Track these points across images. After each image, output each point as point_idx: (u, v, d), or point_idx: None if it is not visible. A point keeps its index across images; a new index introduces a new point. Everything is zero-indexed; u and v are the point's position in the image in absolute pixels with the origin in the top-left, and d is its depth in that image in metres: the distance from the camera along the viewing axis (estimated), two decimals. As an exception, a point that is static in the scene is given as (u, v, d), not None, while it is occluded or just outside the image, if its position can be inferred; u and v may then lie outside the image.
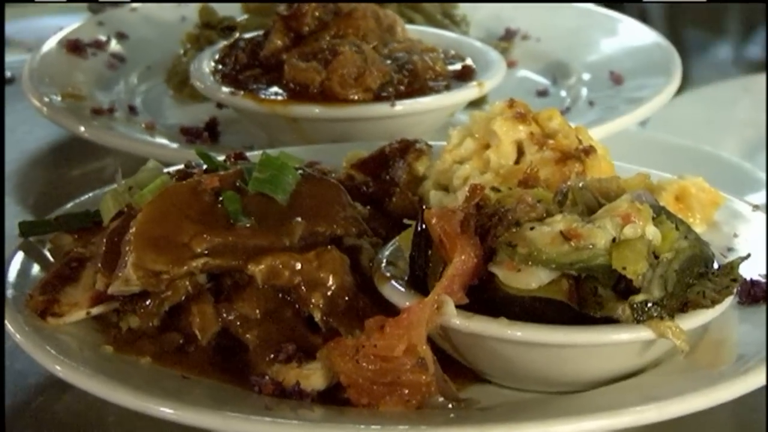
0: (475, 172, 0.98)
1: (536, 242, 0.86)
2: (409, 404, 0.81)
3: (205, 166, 1.04)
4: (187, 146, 1.36)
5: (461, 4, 1.65)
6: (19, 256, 1.04)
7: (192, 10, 1.52)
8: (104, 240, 0.95)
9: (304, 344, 0.88)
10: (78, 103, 1.23)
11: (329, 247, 0.92)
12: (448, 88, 1.24)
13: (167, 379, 0.88)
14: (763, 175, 1.51)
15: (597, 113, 1.36)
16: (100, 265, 0.93)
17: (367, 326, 0.84)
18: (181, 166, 1.06)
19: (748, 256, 0.95)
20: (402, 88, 1.23)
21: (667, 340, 0.88)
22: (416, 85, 1.23)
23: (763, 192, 1.50)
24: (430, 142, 1.15)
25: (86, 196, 1.08)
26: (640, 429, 0.92)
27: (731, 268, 0.92)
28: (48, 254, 1.05)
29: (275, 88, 1.24)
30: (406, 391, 0.80)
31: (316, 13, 1.27)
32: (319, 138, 1.23)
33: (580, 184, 0.93)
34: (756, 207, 1.18)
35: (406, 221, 0.98)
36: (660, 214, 0.91)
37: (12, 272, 0.99)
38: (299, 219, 0.91)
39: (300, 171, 0.99)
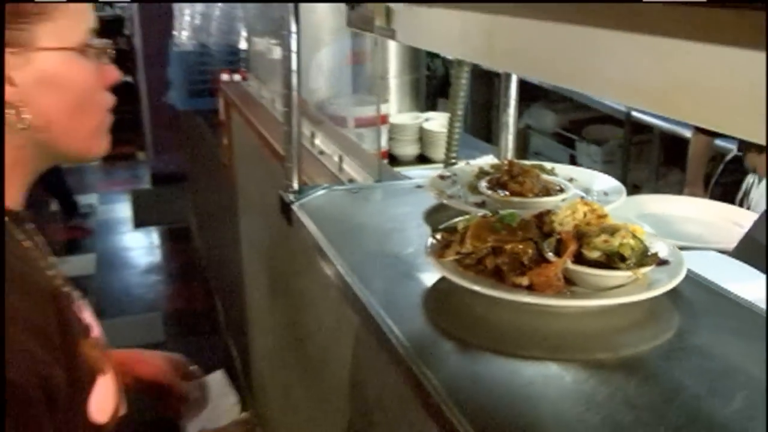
0: (571, 221, 1.10)
1: (595, 242, 1.02)
2: (557, 290, 0.98)
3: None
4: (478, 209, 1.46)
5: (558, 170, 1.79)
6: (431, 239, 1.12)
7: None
8: (460, 235, 1.07)
9: (522, 270, 1.00)
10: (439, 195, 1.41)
11: (530, 240, 1.04)
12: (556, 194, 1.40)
13: (479, 281, 1.01)
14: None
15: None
16: (459, 242, 1.05)
17: (542, 265, 1.00)
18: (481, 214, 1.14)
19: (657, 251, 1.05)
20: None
21: (637, 275, 1.00)
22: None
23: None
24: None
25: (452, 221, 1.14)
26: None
27: (655, 253, 1.04)
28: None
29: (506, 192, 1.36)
30: (555, 286, 0.98)
31: (517, 170, 1.38)
32: (521, 209, 1.41)
33: (606, 225, 1.07)
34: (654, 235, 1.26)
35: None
36: (633, 235, 1.04)
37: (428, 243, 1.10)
38: (520, 232, 1.04)
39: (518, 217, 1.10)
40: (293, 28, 1.42)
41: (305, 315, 1.83)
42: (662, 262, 1.06)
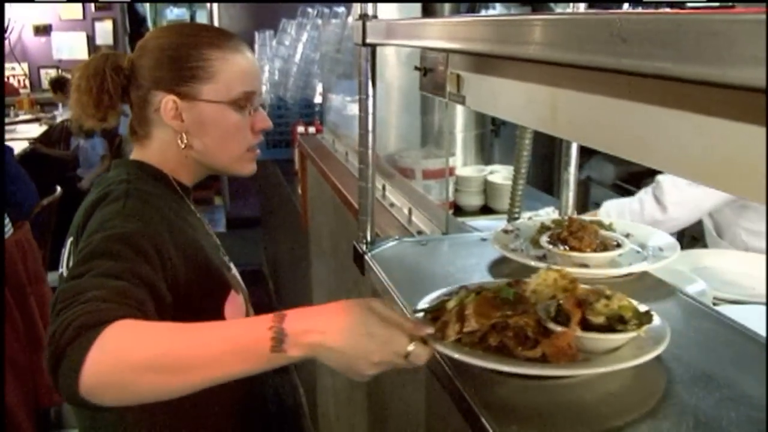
0: (543, 289, 1.06)
1: (598, 307, 0.98)
2: (571, 359, 0.94)
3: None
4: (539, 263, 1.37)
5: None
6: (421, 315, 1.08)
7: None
8: (456, 312, 1.00)
9: (528, 344, 0.95)
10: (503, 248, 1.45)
11: (530, 313, 0.98)
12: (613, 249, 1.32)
13: (481, 356, 0.95)
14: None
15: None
16: (457, 321, 0.98)
17: (552, 336, 0.95)
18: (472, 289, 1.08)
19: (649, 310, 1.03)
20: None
21: (635, 335, 0.97)
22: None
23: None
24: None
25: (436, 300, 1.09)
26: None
27: (648, 310, 1.02)
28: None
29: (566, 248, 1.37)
30: (569, 354, 0.94)
31: (577, 227, 1.39)
32: (580, 263, 1.34)
33: (591, 290, 1.03)
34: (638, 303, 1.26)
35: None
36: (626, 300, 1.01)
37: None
38: (518, 305, 0.98)
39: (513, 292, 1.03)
40: (370, 91, 1.50)
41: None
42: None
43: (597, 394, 0.96)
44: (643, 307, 1.04)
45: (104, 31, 8.63)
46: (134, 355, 0.88)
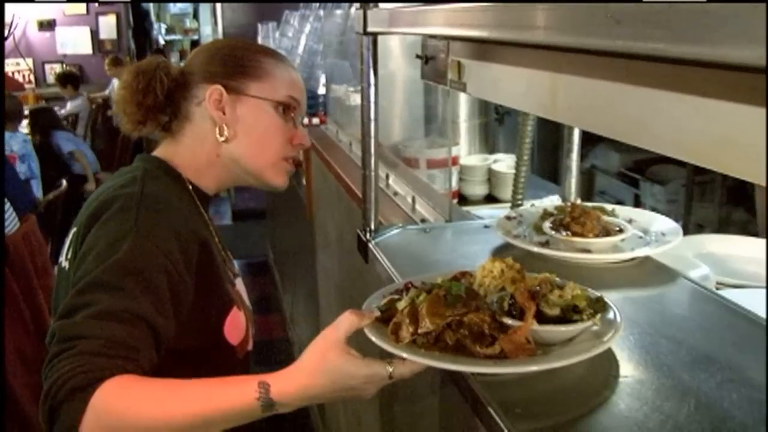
0: (489, 280, 1.06)
1: (552, 298, 0.96)
2: (529, 354, 0.91)
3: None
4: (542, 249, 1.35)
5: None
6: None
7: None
8: (408, 312, 0.97)
9: (485, 340, 0.93)
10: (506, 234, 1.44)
11: (484, 309, 0.96)
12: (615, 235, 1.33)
13: (438, 357, 0.92)
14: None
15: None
16: (411, 323, 0.95)
17: (509, 331, 0.92)
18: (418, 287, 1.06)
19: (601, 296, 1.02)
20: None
21: (591, 324, 0.95)
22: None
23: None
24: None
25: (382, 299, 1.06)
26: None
27: (600, 297, 1.01)
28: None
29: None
30: (527, 349, 0.91)
31: (579, 212, 1.38)
32: (582, 248, 1.36)
33: (541, 279, 1.00)
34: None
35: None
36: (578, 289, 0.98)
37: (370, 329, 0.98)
38: (471, 301, 0.95)
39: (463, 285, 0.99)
40: (372, 80, 1.50)
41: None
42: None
43: (596, 377, 0.96)
44: (594, 294, 1.03)
45: (108, 26, 8.64)
46: (127, 420, 0.92)
